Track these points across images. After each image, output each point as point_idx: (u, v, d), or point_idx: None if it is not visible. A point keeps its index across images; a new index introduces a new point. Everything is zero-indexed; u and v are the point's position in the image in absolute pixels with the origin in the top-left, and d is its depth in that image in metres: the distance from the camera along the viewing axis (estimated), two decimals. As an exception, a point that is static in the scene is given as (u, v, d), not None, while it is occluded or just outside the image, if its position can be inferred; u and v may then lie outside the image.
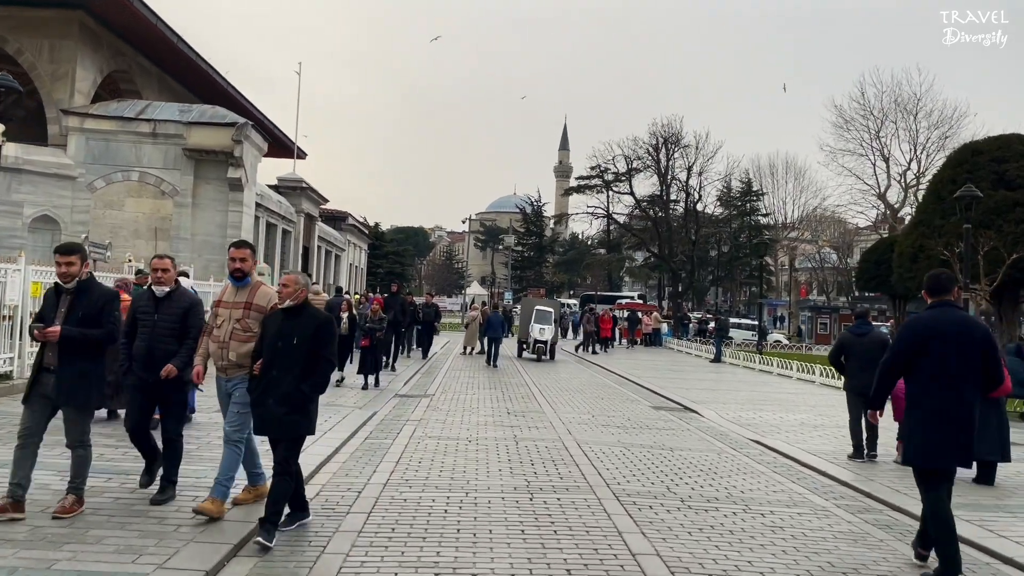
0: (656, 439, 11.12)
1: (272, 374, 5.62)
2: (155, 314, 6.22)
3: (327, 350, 5.71)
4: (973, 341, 5.46)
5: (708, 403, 15.81)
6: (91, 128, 22.45)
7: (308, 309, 5.80)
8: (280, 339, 5.64)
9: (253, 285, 6.16)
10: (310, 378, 5.63)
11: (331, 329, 5.83)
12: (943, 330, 5.47)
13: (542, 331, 26.04)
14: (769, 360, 26.08)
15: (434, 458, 8.95)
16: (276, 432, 5.69)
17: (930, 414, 5.42)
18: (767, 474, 9.03)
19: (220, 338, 6.09)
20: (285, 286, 5.79)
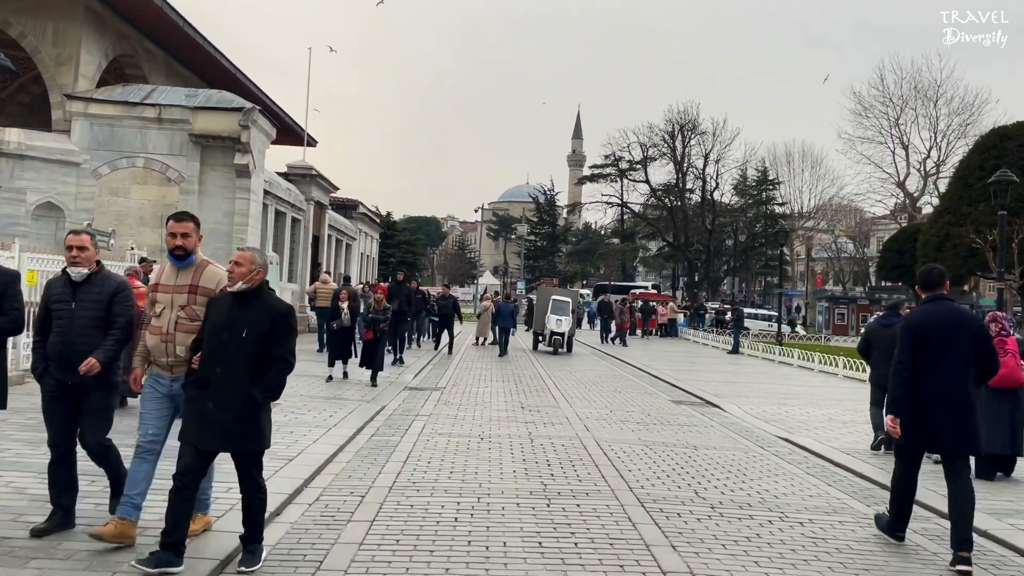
0: (678, 436, 10.53)
1: (215, 371, 4.66)
2: (72, 302, 5.15)
3: (284, 347, 4.75)
4: (966, 333, 5.71)
5: (730, 397, 15.19)
6: (95, 113, 21.93)
7: (264, 296, 4.83)
8: (227, 329, 4.68)
9: (199, 264, 5.10)
10: (261, 381, 4.69)
11: (290, 322, 4.88)
12: (938, 324, 5.71)
13: (559, 323, 24.66)
14: (789, 352, 25.39)
15: (444, 458, 8.40)
16: (218, 444, 4.78)
17: (925, 403, 5.63)
18: (800, 476, 8.42)
19: (162, 329, 5.03)
20: (238, 264, 4.77)
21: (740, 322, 30.53)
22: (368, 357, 13.80)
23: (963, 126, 59.49)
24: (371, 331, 13.72)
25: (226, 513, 5.72)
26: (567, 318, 24.87)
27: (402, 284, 19.32)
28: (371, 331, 13.72)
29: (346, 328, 13.83)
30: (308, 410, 10.64)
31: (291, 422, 9.63)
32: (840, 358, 21.53)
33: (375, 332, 13.72)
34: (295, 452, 7.95)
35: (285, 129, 35.79)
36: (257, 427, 4.81)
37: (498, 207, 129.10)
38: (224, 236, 22.24)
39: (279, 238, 27.25)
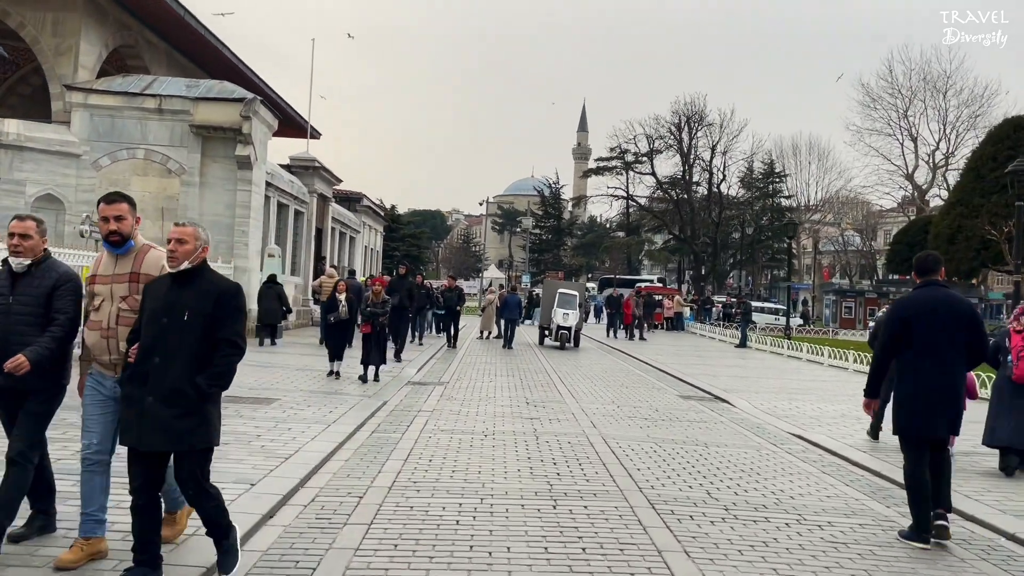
0: (688, 433, 10.22)
1: (153, 363, 4.12)
2: (10, 296, 4.61)
3: (232, 329, 4.24)
4: (958, 319, 5.76)
5: (739, 392, 14.88)
6: (95, 104, 21.65)
7: (207, 275, 4.33)
8: (166, 314, 4.15)
9: (139, 250, 4.61)
10: (208, 368, 4.17)
11: (238, 301, 4.34)
12: (929, 309, 5.77)
13: (565, 316, 23.84)
14: (798, 345, 25.05)
15: (446, 456, 8.11)
16: (162, 442, 4.16)
17: (917, 387, 5.73)
18: (816, 475, 8.11)
19: (101, 324, 4.53)
20: (181, 241, 4.25)
21: (748, 316, 30.17)
22: (366, 352, 13.07)
23: (972, 117, 59.04)
24: (369, 325, 13.04)
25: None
26: (574, 312, 24.17)
27: (404, 278, 18.35)
28: (369, 325, 13.04)
29: (344, 321, 13.30)
30: (308, 405, 10.37)
31: (289, 418, 9.36)
32: (850, 352, 21.18)
33: (373, 326, 13.03)
34: (292, 450, 7.67)
35: (288, 121, 35.49)
36: (204, 421, 4.24)
37: (503, 200, 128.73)
38: (226, 229, 21.98)
39: (282, 231, 26.96)
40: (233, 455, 7.34)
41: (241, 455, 7.36)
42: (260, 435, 8.31)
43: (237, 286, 4.50)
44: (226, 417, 9.33)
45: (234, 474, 6.61)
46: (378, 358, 13.19)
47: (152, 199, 21.82)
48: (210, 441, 4.35)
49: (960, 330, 5.76)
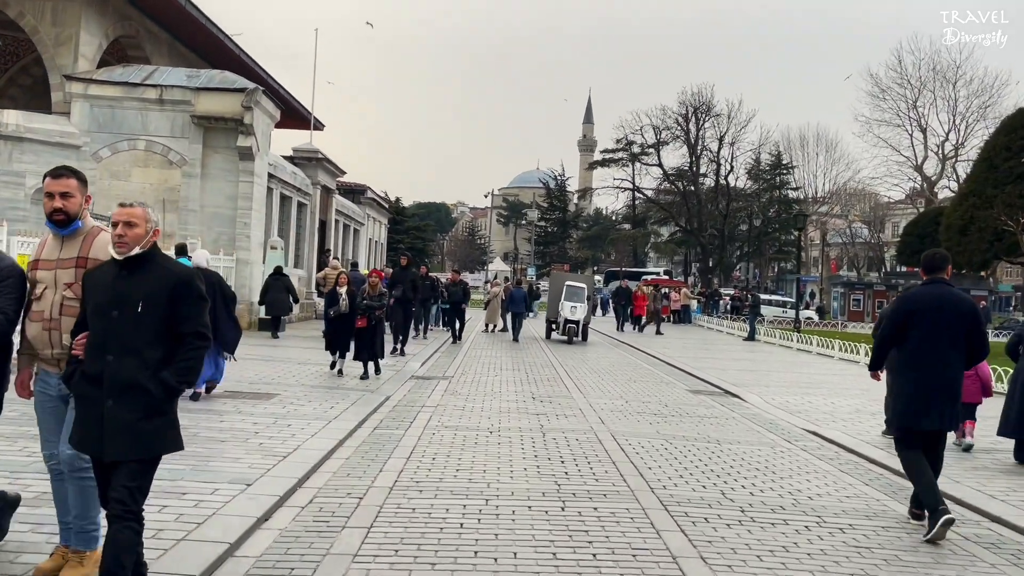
0: (699, 429, 9.94)
1: (107, 360, 3.62)
2: None
3: (197, 321, 3.76)
4: (959, 316, 5.89)
5: (750, 386, 14.59)
6: (95, 94, 21.39)
7: (159, 260, 3.82)
8: (116, 306, 3.66)
9: (88, 232, 4.09)
10: (171, 364, 3.70)
11: (196, 289, 3.80)
12: (931, 305, 5.92)
13: (573, 310, 23.11)
14: (808, 339, 24.72)
15: (450, 453, 7.84)
16: (129, 449, 3.61)
17: (914, 382, 5.87)
18: (833, 473, 7.82)
19: (44, 315, 4.03)
20: (130, 224, 3.72)
21: (756, 308, 29.84)
22: (360, 348, 12.51)
23: (982, 108, 58.50)
24: (364, 319, 12.39)
25: (207, 519, 5.18)
26: (582, 305, 23.45)
27: (407, 269, 17.59)
28: (364, 319, 12.39)
29: (344, 316, 12.57)
30: (308, 401, 10.12)
31: (289, 414, 9.10)
32: (861, 345, 20.85)
33: (369, 320, 12.42)
34: (290, 448, 7.40)
35: (291, 112, 35.18)
36: (172, 423, 3.79)
37: (508, 193, 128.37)
38: (227, 220, 21.75)
39: (285, 222, 26.71)
40: (230, 453, 7.09)
41: (238, 453, 7.10)
42: (258, 432, 8.05)
43: (193, 272, 3.97)
44: (224, 413, 9.14)
45: (230, 473, 6.35)
46: (373, 354, 12.62)
47: (153, 191, 21.58)
48: (179, 445, 3.90)
49: (962, 328, 5.90)
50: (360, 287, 16.67)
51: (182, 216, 21.56)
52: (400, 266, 17.85)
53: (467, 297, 23.60)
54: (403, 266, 17.74)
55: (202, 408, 9.17)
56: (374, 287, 12.81)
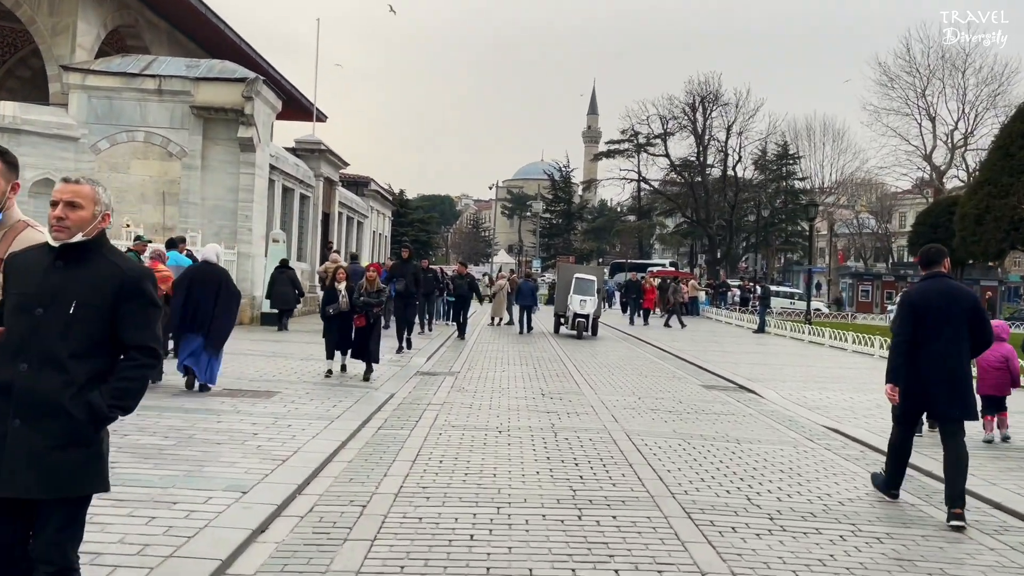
0: (717, 428, 9.54)
1: (20, 368, 2.90)
2: None
3: (147, 332, 3.07)
4: (961, 308, 6.07)
5: (764, 381, 14.18)
6: (93, 85, 20.99)
7: (106, 253, 3.11)
8: (43, 302, 2.96)
9: (10, 227, 3.43)
10: (108, 383, 3.00)
11: (147, 293, 3.08)
12: (934, 299, 6.10)
13: (583, 303, 21.97)
14: (820, 331, 24.28)
15: (458, 456, 7.45)
16: (33, 485, 2.88)
17: (921, 371, 6.03)
18: (862, 475, 7.42)
19: None
20: (72, 206, 3.02)
21: (767, 300, 29.38)
22: (359, 347, 11.70)
23: (992, 96, 57.78)
24: (362, 317, 11.54)
25: (199, 532, 4.80)
26: (592, 298, 22.33)
27: (408, 262, 16.61)
28: (362, 317, 11.54)
29: (344, 313, 11.61)
30: (310, 399, 9.74)
31: (290, 414, 8.72)
32: (875, 337, 20.42)
33: (367, 318, 11.56)
34: (290, 451, 7.03)
35: (294, 103, 34.72)
36: (96, 457, 3.01)
37: (513, 185, 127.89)
38: (228, 213, 21.36)
39: (287, 215, 26.32)
40: (226, 457, 6.72)
41: (235, 457, 6.73)
42: (257, 433, 7.68)
43: (146, 271, 3.30)
44: (223, 413, 8.77)
45: (225, 480, 5.97)
46: (375, 353, 11.81)
47: (153, 183, 21.22)
48: (103, 485, 3.09)
49: (964, 320, 6.08)
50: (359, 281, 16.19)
51: (182, 209, 21.19)
52: (401, 259, 16.96)
53: (475, 290, 22.56)
54: (404, 259, 16.86)
55: (199, 407, 8.80)
56: (372, 282, 11.79)
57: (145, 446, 6.89)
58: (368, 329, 11.62)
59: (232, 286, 10.38)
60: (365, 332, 11.61)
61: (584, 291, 22.24)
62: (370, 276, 11.91)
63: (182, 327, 9.81)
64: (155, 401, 9.01)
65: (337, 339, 11.78)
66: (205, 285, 9.88)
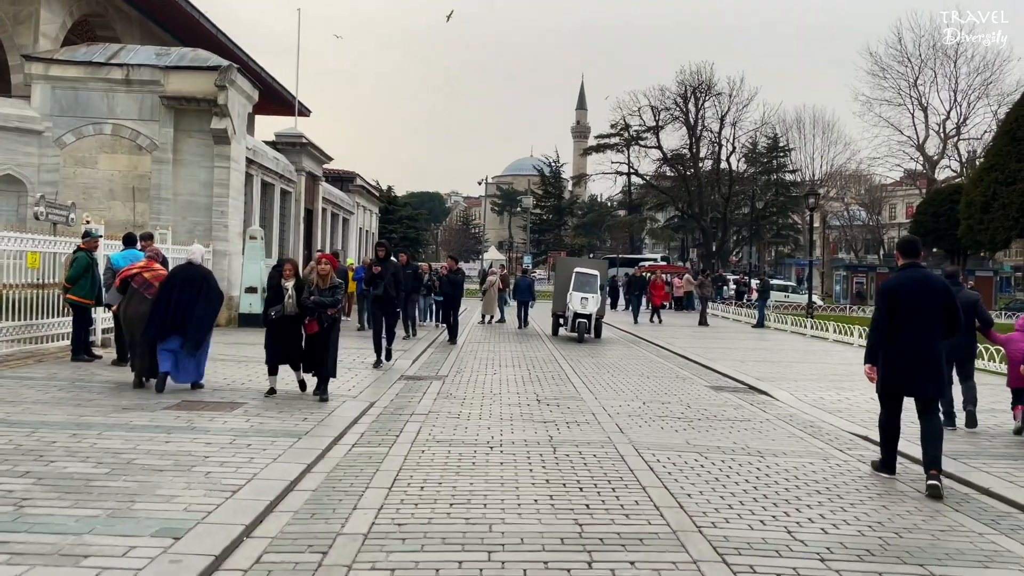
0: (734, 437, 8.52)
1: None
2: None
3: None
4: (935, 295, 6.58)
5: (775, 380, 13.20)
6: (57, 76, 19.79)
7: None
8: None
9: None
10: None
11: None
12: (910, 287, 6.61)
13: (584, 302, 19.58)
14: (823, 325, 23.32)
15: (442, 479, 6.40)
16: None
17: (898, 355, 6.59)
18: (912, 495, 6.41)
19: None
20: None
21: (766, 294, 28.41)
22: (312, 358, 9.75)
23: (984, 85, 57.16)
24: (314, 321, 9.58)
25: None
26: (594, 296, 19.87)
27: (386, 261, 13.77)
28: (314, 321, 9.58)
29: (290, 319, 9.63)
30: (278, 412, 8.66)
31: (251, 430, 7.65)
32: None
33: (320, 321, 9.58)
34: (244, 478, 5.97)
35: (276, 98, 33.60)
36: None
37: (502, 181, 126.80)
38: (203, 209, 20.23)
39: (267, 211, 25.19)
40: (166, 488, 5.64)
41: (176, 488, 5.66)
42: (209, 456, 6.61)
43: None
44: (174, 431, 7.64)
45: (157, 521, 4.91)
46: (331, 365, 9.80)
47: (121, 178, 20.06)
48: None
49: (937, 305, 6.60)
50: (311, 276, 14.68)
51: (154, 205, 20.04)
52: (377, 257, 13.95)
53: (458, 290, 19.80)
54: (380, 257, 13.83)
55: (147, 424, 7.72)
56: (325, 277, 9.70)
57: (71, 476, 5.82)
58: (322, 336, 9.64)
59: (216, 287, 10.15)
60: (318, 340, 9.66)
61: (585, 288, 19.95)
62: (322, 269, 9.81)
63: (162, 327, 9.54)
64: (101, 416, 7.96)
65: (281, 349, 9.74)
66: (188, 285, 9.69)
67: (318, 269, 9.83)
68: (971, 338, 9.84)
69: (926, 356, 6.54)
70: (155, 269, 10.20)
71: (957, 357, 9.57)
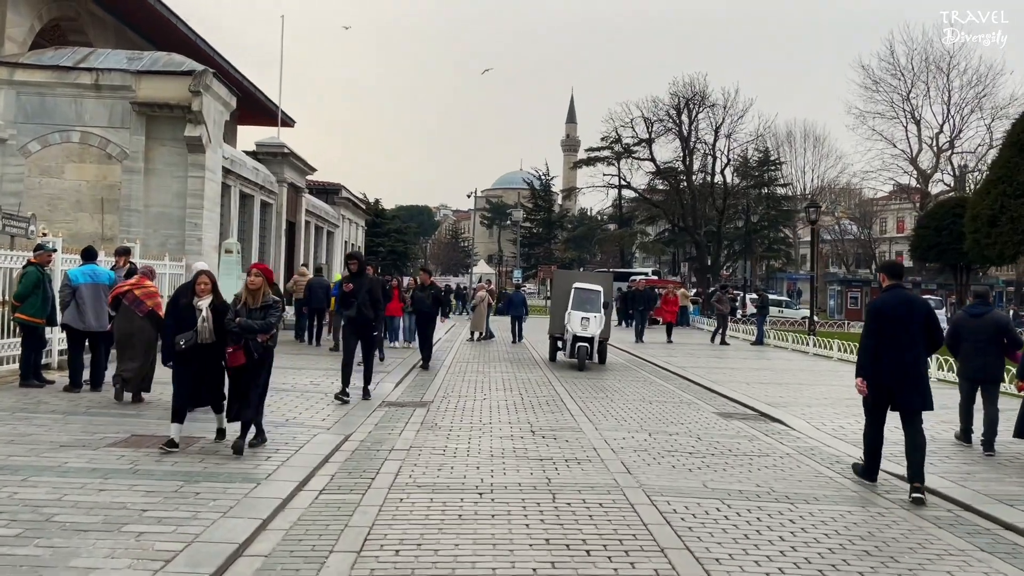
0: (756, 478, 7.53)
1: None
2: None
3: None
4: (917, 315, 7.14)
5: (787, 406, 12.23)
6: (22, 80, 18.74)
7: None
8: None
9: None
10: None
11: None
12: (895, 308, 7.15)
13: (585, 323, 16.72)
14: (827, 342, 22.42)
15: (422, 539, 5.38)
16: None
17: (883, 370, 7.06)
18: (979, 556, 5.43)
19: None
20: None
21: (765, 310, 27.50)
22: (237, 400, 7.54)
23: (977, 98, 56.83)
24: (239, 350, 7.39)
25: None
26: (597, 316, 16.99)
27: (359, 276, 11.45)
28: (239, 350, 7.39)
29: (207, 347, 7.48)
30: (252, 452, 7.61)
31: (203, 473, 6.61)
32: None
33: (249, 352, 7.38)
34: (182, 541, 4.95)
35: (259, 108, 32.63)
36: None
37: (492, 194, 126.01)
38: (176, 221, 19.16)
39: (246, 224, 24.15)
40: (83, 557, 4.62)
41: (96, 556, 4.64)
42: (148, 509, 5.59)
43: None
44: (113, 475, 6.46)
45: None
46: (253, 409, 7.55)
47: (90, 189, 18.99)
48: None
49: (920, 323, 7.05)
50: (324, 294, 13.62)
51: (124, 217, 18.96)
52: (350, 272, 11.40)
53: (440, 304, 17.07)
54: (353, 272, 11.35)
55: (84, 467, 6.67)
56: (255, 293, 7.48)
57: None
58: (252, 370, 7.44)
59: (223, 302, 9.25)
60: (244, 375, 7.45)
61: (586, 306, 17.05)
62: (252, 283, 7.52)
63: None
64: (32, 456, 6.92)
65: (191, 389, 7.53)
66: None
67: (248, 282, 7.53)
68: (999, 359, 9.47)
69: (910, 371, 7.02)
70: (146, 286, 10.09)
71: (982, 378, 9.38)
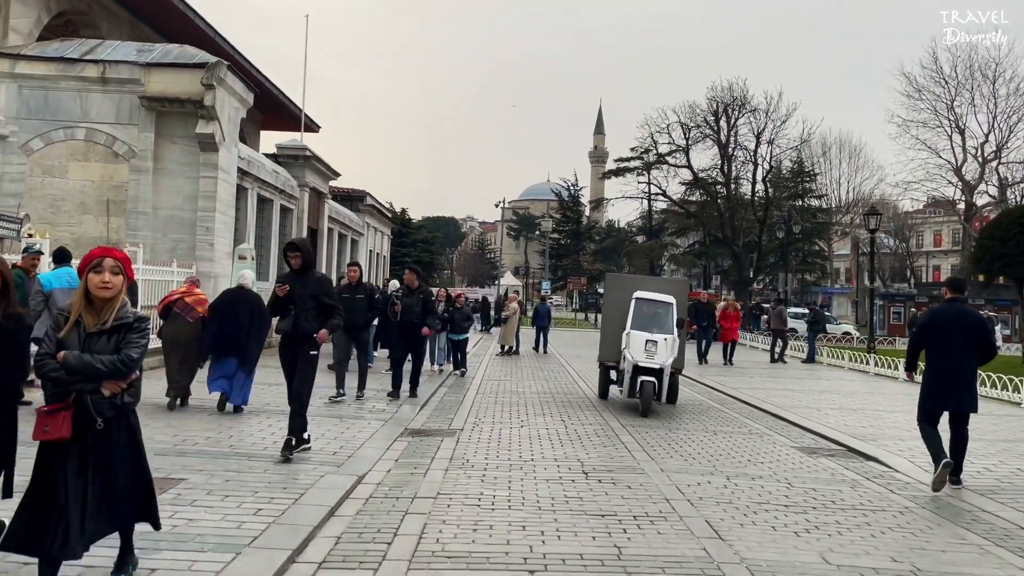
0: (884, 546, 5.82)
1: None
2: None
3: None
4: (969, 327, 7.76)
5: (876, 439, 10.48)
6: (25, 73, 17.54)
7: None
8: None
9: None
10: None
11: None
12: (949, 319, 7.85)
13: (651, 349, 11.84)
14: (890, 361, 20.52)
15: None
16: None
17: (936, 377, 7.75)
18: None
19: None
20: None
21: (818, 325, 25.58)
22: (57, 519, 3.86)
23: (1024, 107, 54.33)
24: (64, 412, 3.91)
25: None
26: (668, 338, 12.08)
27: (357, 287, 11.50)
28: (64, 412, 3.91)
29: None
30: (222, 495, 6.06)
31: (173, 533, 5.05)
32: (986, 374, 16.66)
33: (86, 415, 3.92)
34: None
35: (283, 112, 31.39)
36: None
37: (519, 206, 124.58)
38: (187, 225, 17.82)
39: (264, 229, 22.78)
40: None
41: None
42: None
43: None
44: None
45: None
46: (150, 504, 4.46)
47: (95, 189, 17.68)
48: None
49: (974, 336, 7.75)
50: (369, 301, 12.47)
51: (131, 220, 17.65)
52: (291, 270, 8.25)
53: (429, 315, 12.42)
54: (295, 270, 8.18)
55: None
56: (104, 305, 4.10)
57: None
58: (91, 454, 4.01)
59: (265, 312, 9.87)
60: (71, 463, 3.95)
61: (653, 325, 12.24)
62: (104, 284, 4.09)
63: (217, 350, 9.91)
64: None
65: None
66: (238, 309, 9.99)
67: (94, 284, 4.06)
68: None
69: (962, 378, 7.65)
70: (196, 293, 10.53)
71: None
